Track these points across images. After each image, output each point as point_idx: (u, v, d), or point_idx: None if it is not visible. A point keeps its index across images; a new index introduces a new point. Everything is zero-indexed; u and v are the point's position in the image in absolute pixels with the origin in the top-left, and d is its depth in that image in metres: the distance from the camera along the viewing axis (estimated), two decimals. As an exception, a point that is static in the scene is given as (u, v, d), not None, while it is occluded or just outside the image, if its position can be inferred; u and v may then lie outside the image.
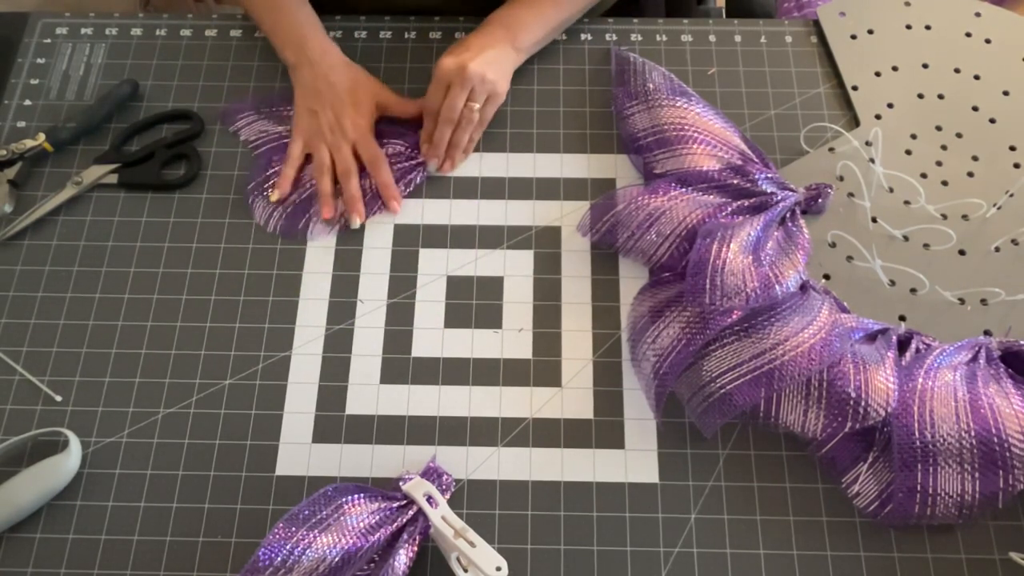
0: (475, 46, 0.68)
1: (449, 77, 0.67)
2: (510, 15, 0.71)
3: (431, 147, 0.69)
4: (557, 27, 0.74)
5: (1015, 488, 0.53)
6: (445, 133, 0.68)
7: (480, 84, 0.67)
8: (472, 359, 0.63)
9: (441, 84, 0.68)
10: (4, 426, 0.61)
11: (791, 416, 0.57)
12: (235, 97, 0.74)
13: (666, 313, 0.60)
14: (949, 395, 0.55)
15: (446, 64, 0.67)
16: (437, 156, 0.69)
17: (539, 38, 0.72)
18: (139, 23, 0.78)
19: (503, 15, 0.71)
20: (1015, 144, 0.70)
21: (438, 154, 0.69)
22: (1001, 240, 0.66)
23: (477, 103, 0.67)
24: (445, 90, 0.68)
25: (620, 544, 0.56)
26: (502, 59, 0.69)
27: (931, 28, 0.77)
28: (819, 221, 0.67)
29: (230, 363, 0.63)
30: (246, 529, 0.57)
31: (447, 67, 0.67)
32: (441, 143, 0.68)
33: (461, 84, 0.67)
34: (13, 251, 0.68)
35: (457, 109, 0.67)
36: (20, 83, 0.75)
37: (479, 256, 0.67)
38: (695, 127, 0.68)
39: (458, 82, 0.67)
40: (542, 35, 0.72)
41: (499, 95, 0.69)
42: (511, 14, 0.71)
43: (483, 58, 0.67)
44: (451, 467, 0.59)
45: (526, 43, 0.71)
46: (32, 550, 0.57)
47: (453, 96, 0.67)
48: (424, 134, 0.70)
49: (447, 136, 0.68)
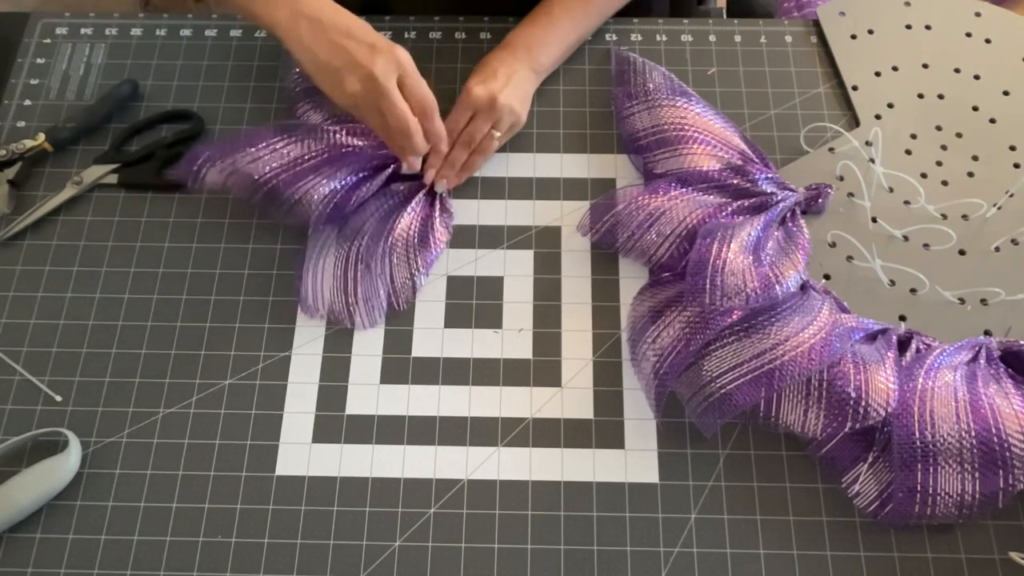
0: (503, 74, 0.67)
1: (477, 106, 0.66)
2: (532, 36, 0.71)
3: (445, 167, 0.67)
4: (573, 46, 0.74)
5: (1015, 488, 0.53)
6: (462, 156, 0.67)
7: (508, 116, 0.67)
8: (472, 359, 0.63)
9: (467, 110, 0.67)
10: (4, 426, 0.61)
11: (791, 416, 0.57)
12: (235, 97, 0.74)
13: (666, 313, 0.60)
14: (949, 395, 0.55)
15: (477, 93, 0.66)
16: (447, 176, 0.68)
17: (557, 59, 0.72)
18: (139, 23, 0.78)
19: (525, 36, 0.71)
20: (1015, 144, 0.70)
21: (449, 175, 0.68)
22: (1001, 240, 0.66)
23: (499, 131, 0.67)
24: (469, 116, 0.67)
25: (620, 544, 0.56)
26: (526, 87, 0.69)
27: (931, 28, 0.77)
28: (819, 221, 0.67)
29: (230, 363, 0.63)
30: (246, 529, 0.57)
31: (478, 97, 0.66)
32: (456, 165, 0.68)
33: (489, 114, 0.66)
34: (13, 251, 0.67)
35: (476, 134, 0.67)
36: (20, 83, 0.75)
37: (479, 256, 0.67)
38: (695, 127, 0.68)
39: (486, 112, 0.66)
40: (560, 56, 0.72)
41: (520, 124, 0.69)
42: (532, 35, 0.71)
43: (512, 90, 0.67)
44: (451, 467, 0.59)
45: (546, 65, 0.71)
46: (32, 550, 0.57)
47: (479, 124, 0.66)
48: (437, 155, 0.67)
49: (463, 160, 0.68)
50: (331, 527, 0.57)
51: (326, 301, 0.64)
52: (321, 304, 0.64)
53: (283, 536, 0.57)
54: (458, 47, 0.77)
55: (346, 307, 0.64)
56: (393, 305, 0.64)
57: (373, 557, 0.56)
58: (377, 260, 0.64)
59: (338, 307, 0.64)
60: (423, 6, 0.80)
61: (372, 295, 0.64)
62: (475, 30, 0.78)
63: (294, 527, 0.57)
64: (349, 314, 0.63)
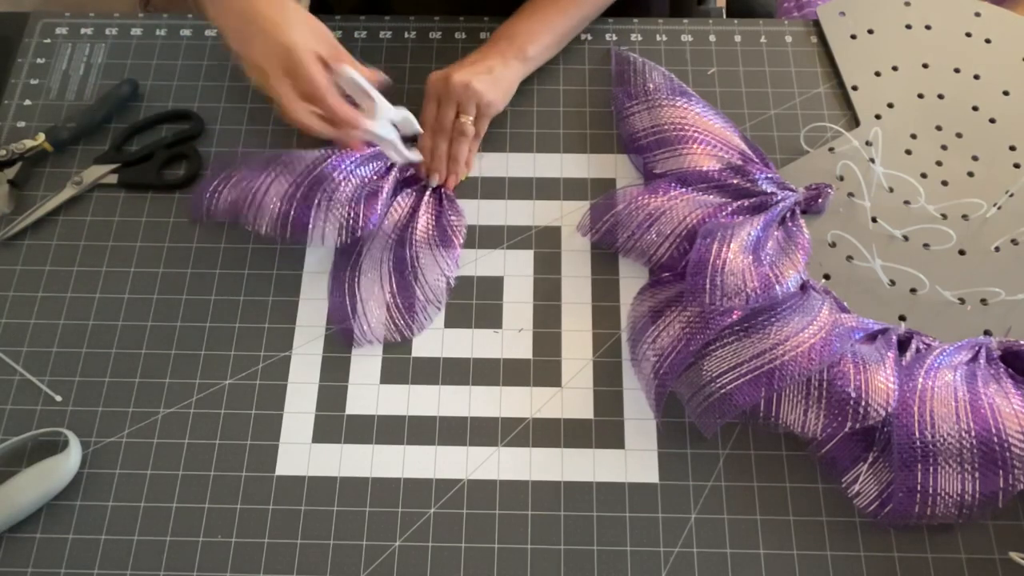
0: (469, 60, 0.69)
1: (433, 90, 0.68)
2: (514, 26, 0.71)
3: (433, 160, 0.68)
4: (566, 33, 0.74)
5: (1015, 488, 0.53)
6: (440, 145, 0.68)
7: (464, 93, 0.66)
8: (472, 359, 0.63)
9: (431, 98, 0.69)
10: (4, 426, 0.61)
11: (791, 416, 0.57)
12: (235, 97, 0.74)
13: (666, 313, 0.60)
14: (949, 395, 0.55)
15: (430, 78, 0.68)
16: (438, 170, 0.68)
17: (547, 44, 0.72)
18: (139, 23, 0.78)
19: (508, 28, 0.71)
20: (1015, 144, 0.70)
21: (438, 168, 0.68)
22: (1001, 240, 0.66)
23: (468, 115, 0.67)
24: (435, 104, 0.68)
25: (620, 544, 0.56)
26: (496, 70, 0.68)
27: (931, 28, 0.77)
28: (819, 221, 0.67)
29: (230, 363, 0.63)
30: (246, 529, 0.57)
31: (432, 81, 0.68)
32: (439, 156, 0.68)
33: (446, 96, 0.67)
34: (13, 251, 0.67)
35: (446, 121, 0.68)
36: (20, 83, 0.75)
37: (479, 256, 0.67)
38: (695, 127, 0.68)
39: (444, 94, 0.67)
40: (550, 41, 0.72)
41: (489, 105, 0.68)
42: (515, 25, 0.71)
43: (470, 70, 0.67)
44: (451, 467, 0.59)
45: (532, 52, 0.71)
46: (32, 550, 0.57)
47: (444, 110, 0.68)
48: (423, 150, 0.69)
49: (443, 148, 0.68)
50: (331, 527, 0.57)
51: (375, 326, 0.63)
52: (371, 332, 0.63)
53: (283, 536, 0.57)
54: (458, 47, 0.77)
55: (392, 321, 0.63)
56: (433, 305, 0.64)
57: (373, 557, 0.56)
58: (408, 266, 0.64)
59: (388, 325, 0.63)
60: (423, 6, 0.80)
61: (414, 301, 0.64)
62: (475, 30, 0.78)
63: (294, 527, 0.57)
64: (398, 327, 0.63)
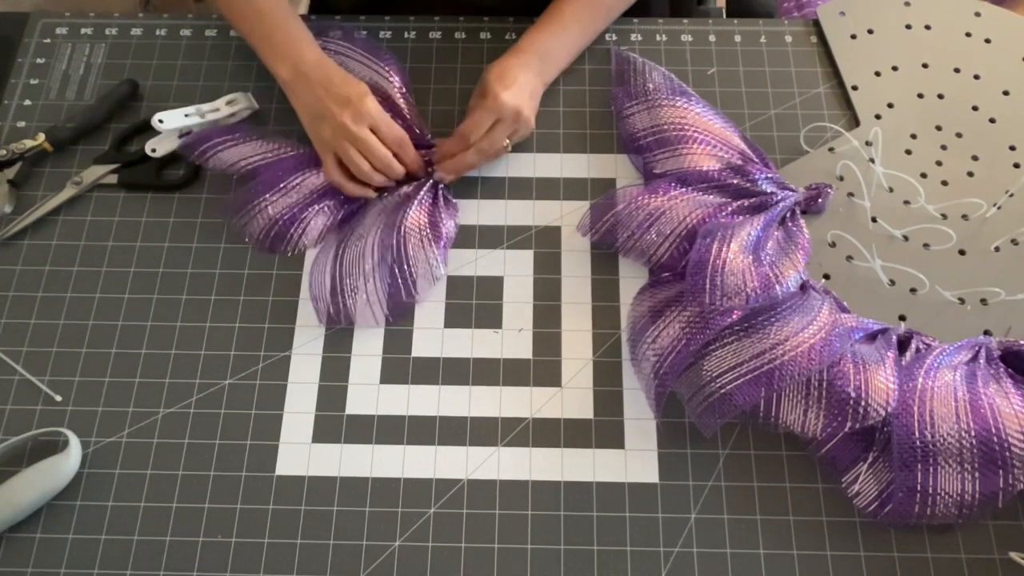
0: (524, 83, 0.67)
1: (503, 114, 0.66)
2: (544, 45, 0.71)
3: (453, 164, 0.67)
4: (578, 54, 0.74)
5: (1015, 488, 0.53)
6: (476, 161, 0.67)
7: (524, 130, 0.68)
8: (472, 359, 0.63)
9: (493, 115, 0.66)
10: (4, 426, 0.61)
11: (791, 416, 0.57)
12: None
13: (666, 313, 0.60)
14: (949, 395, 0.55)
15: (505, 101, 0.65)
16: (456, 172, 0.68)
17: (563, 68, 0.73)
18: (139, 23, 0.78)
19: (538, 44, 0.70)
20: (1015, 144, 0.70)
21: (457, 172, 0.68)
22: (1001, 240, 0.66)
23: (512, 141, 0.68)
24: (493, 120, 0.66)
25: (620, 544, 0.56)
26: (538, 99, 0.70)
27: (931, 28, 0.77)
28: (819, 221, 0.67)
29: (230, 363, 0.63)
30: (246, 529, 0.57)
31: (506, 105, 0.66)
32: (467, 167, 0.67)
33: (512, 125, 0.67)
34: (13, 251, 0.68)
35: (497, 143, 0.67)
36: (20, 83, 0.75)
37: (479, 256, 0.67)
38: (695, 127, 0.68)
39: (510, 122, 0.66)
40: (565, 66, 0.73)
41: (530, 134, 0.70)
42: (544, 43, 0.71)
43: (533, 104, 0.69)
44: (451, 467, 0.59)
45: (552, 76, 0.72)
46: (32, 550, 0.57)
47: (500, 133, 0.67)
48: (448, 148, 0.68)
49: (472, 160, 0.67)
50: (331, 527, 0.57)
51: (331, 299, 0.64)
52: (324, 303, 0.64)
53: (283, 536, 0.57)
54: (458, 47, 0.77)
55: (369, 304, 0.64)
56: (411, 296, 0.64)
57: (373, 557, 0.56)
58: (392, 252, 0.64)
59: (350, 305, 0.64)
60: (423, 6, 0.80)
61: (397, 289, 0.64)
62: (475, 30, 0.78)
63: (294, 527, 0.57)
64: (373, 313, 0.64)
